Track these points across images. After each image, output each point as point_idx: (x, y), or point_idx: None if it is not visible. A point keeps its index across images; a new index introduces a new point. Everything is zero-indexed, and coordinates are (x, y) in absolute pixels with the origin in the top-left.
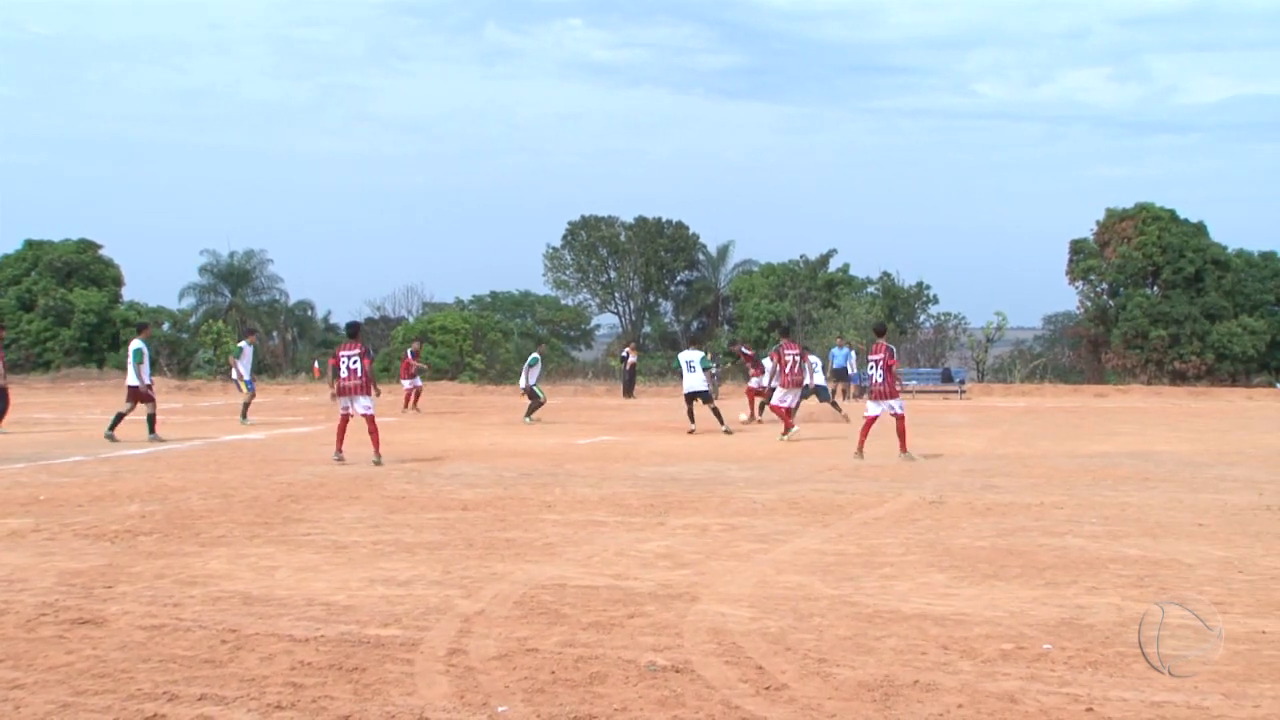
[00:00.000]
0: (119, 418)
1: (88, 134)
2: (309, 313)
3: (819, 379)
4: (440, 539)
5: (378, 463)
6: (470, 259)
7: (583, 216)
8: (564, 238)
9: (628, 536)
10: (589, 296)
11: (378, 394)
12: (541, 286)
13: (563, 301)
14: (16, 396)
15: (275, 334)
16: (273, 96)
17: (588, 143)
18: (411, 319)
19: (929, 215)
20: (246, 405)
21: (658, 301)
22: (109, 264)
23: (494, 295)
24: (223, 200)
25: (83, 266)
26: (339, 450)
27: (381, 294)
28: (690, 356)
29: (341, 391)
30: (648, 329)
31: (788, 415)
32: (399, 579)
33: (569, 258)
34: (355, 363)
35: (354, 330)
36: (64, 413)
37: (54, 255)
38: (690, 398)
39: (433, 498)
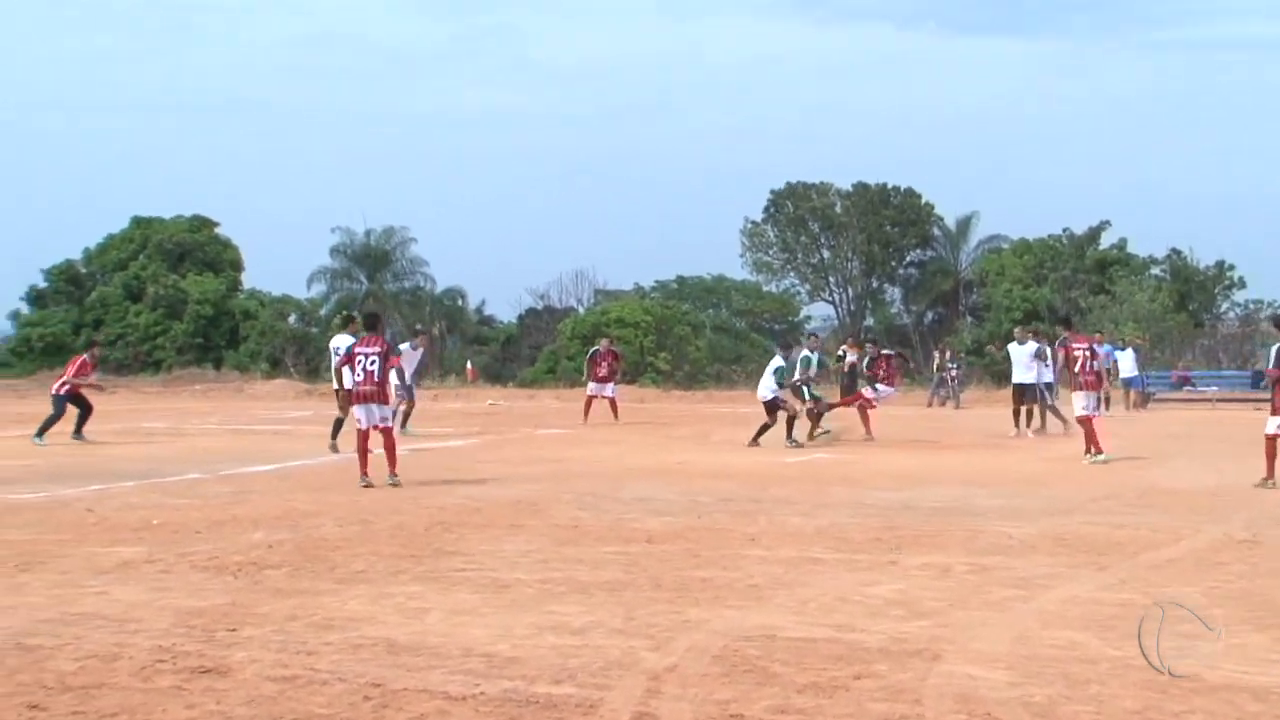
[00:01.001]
0: (338, 424)
1: (198, 92)
2: (459, 302)
3: (1047, 376)
4: (621, 578)
5: (394, 481)
6: (652, 237)
7: (789, 184)
8: (766, 210)
9: (851, 578)
10: (797, 282)
11: (403, 402)
12: (739, 270)
13: (765, 288)
14: (123, 401)
15: (419, 327)
16: (411, 42)
17: (794, 92)
18: (582, 310)
19: (1232, 178)
20: (407, 414)
21: (883, 287)
22: (226, 245)
23: (681, 281)
24: (357, 168)
25: (197, 248)
26: (364, 473)
27: (545, 280)
28: (777, 363)
29: (356, 399)
30: (870, 321)
31: (1093, 430)
32: (572, 626)
33: (772, 234)
34: (374, 363)
35: (372, 322)
36: (177, 421)
37: (164, 235)
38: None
39: (611, 527)
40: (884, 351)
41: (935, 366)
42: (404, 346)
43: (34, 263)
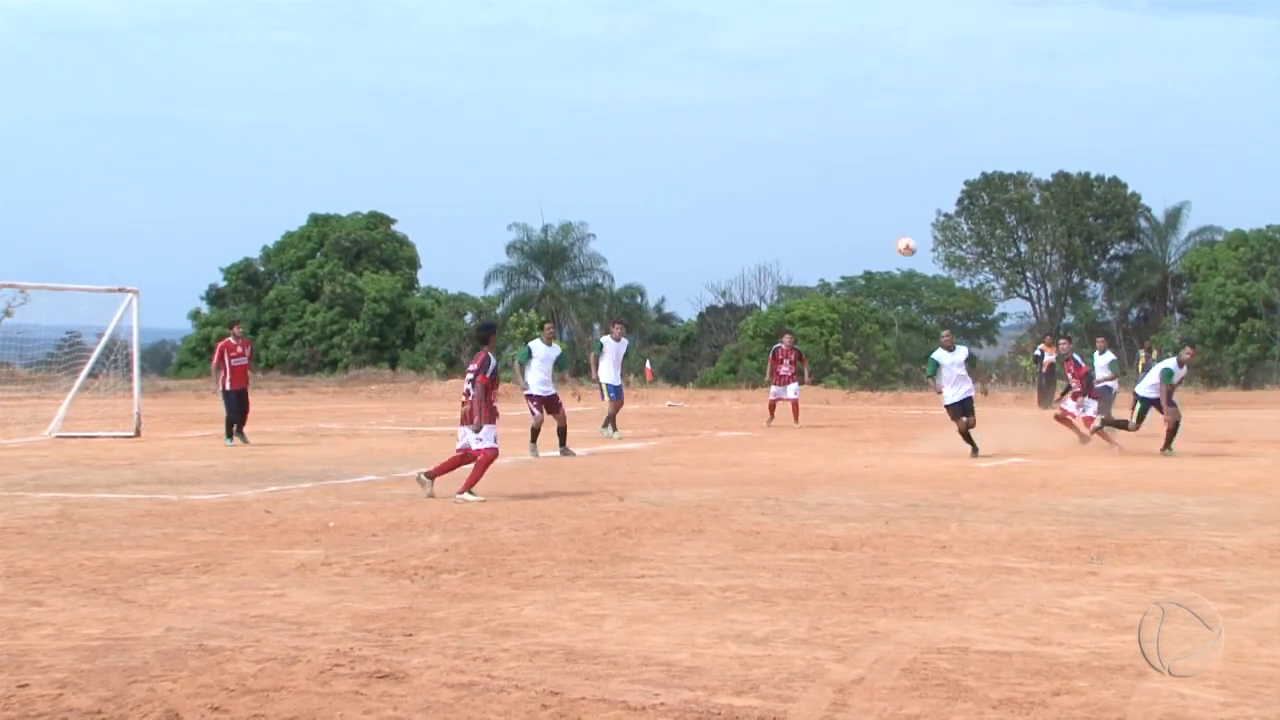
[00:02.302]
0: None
1: (376, 87)
2: (638, 299)
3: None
4: (805, 586)
5: (462, 499)
6: (838, 231)
7: (984, 174)
8: (959, 202)
9: (1048, 589)
10: (992, 277)
11: (491, 421)
12: (930, 265)
13: (958, 284)
14: (300, 401)
15: (597, 326)
16: (593, 31)
17: (990, 78)
18: (764, 307)
19: None
20: (612, 415)
21: (1084, 283)
22: (403, 242)
23: (868, 277)
24: (534, 163)
25: (373, 245)
26: (431, 473)
27: (727, 276)
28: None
29: (460, 419)
30: (1070, 319)
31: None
32: (755, 635)
33: (966, 227)
34: (470, 381)
35: (481, 335)
36: (352, 421)
37: (341, 232)
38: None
39: (794, 534)
40: (1075, 358)
41: (1140, 366)
42: (604, 340)
43: (214, 261)
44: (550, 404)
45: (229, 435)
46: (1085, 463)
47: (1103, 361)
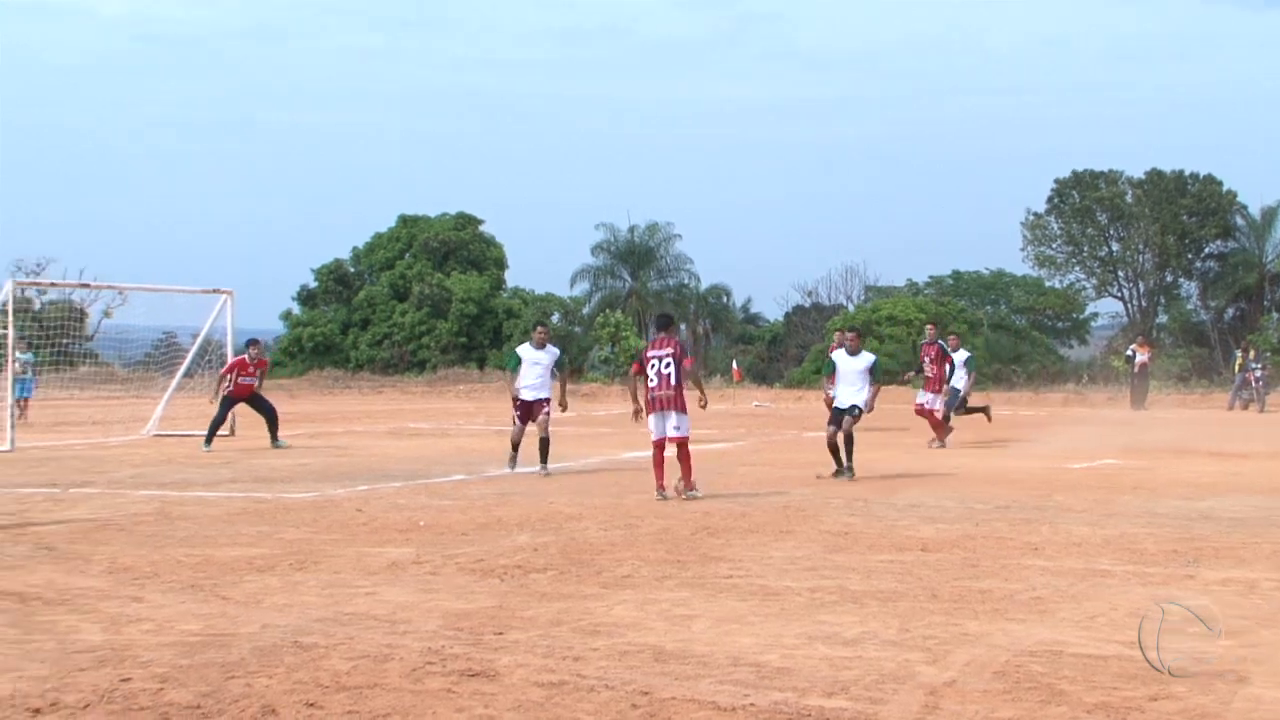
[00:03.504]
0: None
1: (462, 86)
2: (724, 300)
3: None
4: (895, 587)
5: (692, 495)
6: (925, 231)
7: (1075, 172)
8: (1050, 201)
9: (1144, 592)
10: (1083, 276)
11: (702, 404)
12: (1019, 264)
13: (1048, 283)
14: (389, 401)
15: (684, 326)
16: (678, 32)
17: (1082, 75)
18: (852, 307)
19: None
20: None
21: (1178, 282)
22: (490, 243)
23: (957, 276)
24: (621, 164)
25: (461, 246)
26: (661, 486)
27: (813, 276)
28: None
29: (652, 406)
30: (1163, 318)
31: None
32: (844, 636)
33: (1056, 226)
34: (669, 366)
35: (665, 322)
36: (441, 421)
37: (430, 233)
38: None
39: (884, 534)
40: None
41: (1236, 367)
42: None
43: (305, 262)
44: (533, 410)
45: (208, 441)
46: (1182, 464)
47: (958, 359)
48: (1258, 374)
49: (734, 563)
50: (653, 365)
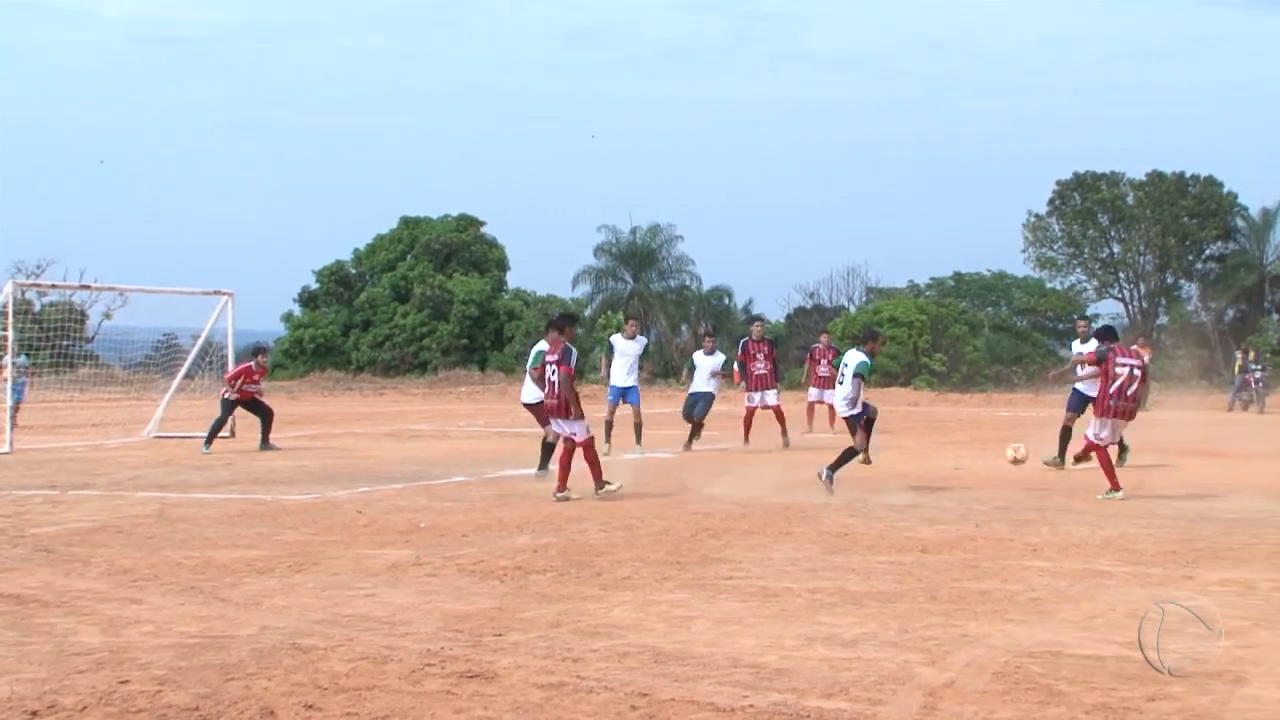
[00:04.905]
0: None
1: (465, 88)
2: (726, 301)
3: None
4: (895, 588)
5: (605, 492)
6: (926, 232)
7: (1076, 174)
8: (1051, 202)
9: (1142, 593)
10: (1084, 278)
11: (578, 416)
12: (1020, 266)
13: (1049, 285)
14: (390, 403)
15: (685, 327)
16: (681, 33)
17: (1082, 77)
18: (853, 308)
19: None
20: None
21: (1178, 284)
22: (492, 244)
23: (958, 277)
24: (622, 165)
25: (463, 248)
26: (598, 480)
27: (815, 277)
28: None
29: (545, 411)
30: (1164, 319)
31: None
32: (844, 638)
33: (1057, 228)
34: (553, 372)
35: (564, 322)
36: (442, 423)
37: (431, 235)
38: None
39: (883, 535)
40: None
41: (1236, 368)
42: (614, 339)
43: (306, 264)
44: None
45: (208, 442)
46: (1182, 465)
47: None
48: (1257, 375)
49: (734, 564)
50: (546, 371)
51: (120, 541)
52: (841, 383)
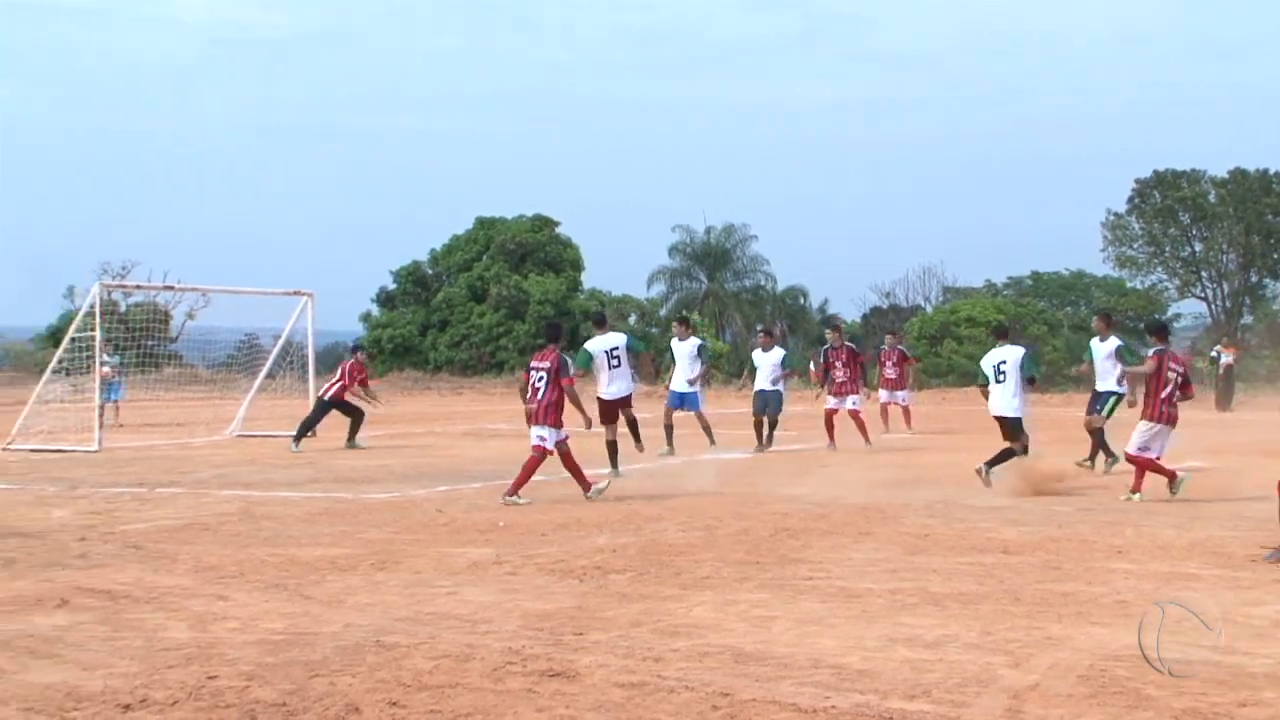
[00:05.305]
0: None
1: (538, 88)
2: (801, 301)
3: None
4: (976, 590)
5: (510, 503)
6: (1004, 231)
7: (1156, 172)
8: (1130, 201)
9: (1231, 596)
10: (1164, 277)
11: (586, 425)
12: (1099, 265)
13: (1129, 284)
14: (468, 402)
15: (759, 326)
16: (752, 33)
17: (1162, 74)
18: (929, 308)
19: None
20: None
21: (1262, 282)
22: (567, 244)
23: (1036, 277)
24: (697, 164)
25: (538, 248)
26: (514, 491)
27: (890, 277)
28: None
29: (527, 418)
30: (1248, 319)
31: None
32: (925, 639)
33: (1137, 227)
34: (541, 379)
35: (554, 333)
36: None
37: (507, 235)
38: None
39: (964, 536)
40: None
41: None
42: (672, 343)
43: (384, 265)
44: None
45: (297, 440)
46: (1269, 466)
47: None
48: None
49: (813, 564)
50: (531, 377)
51: (207, 539)
52: (1002, 381)
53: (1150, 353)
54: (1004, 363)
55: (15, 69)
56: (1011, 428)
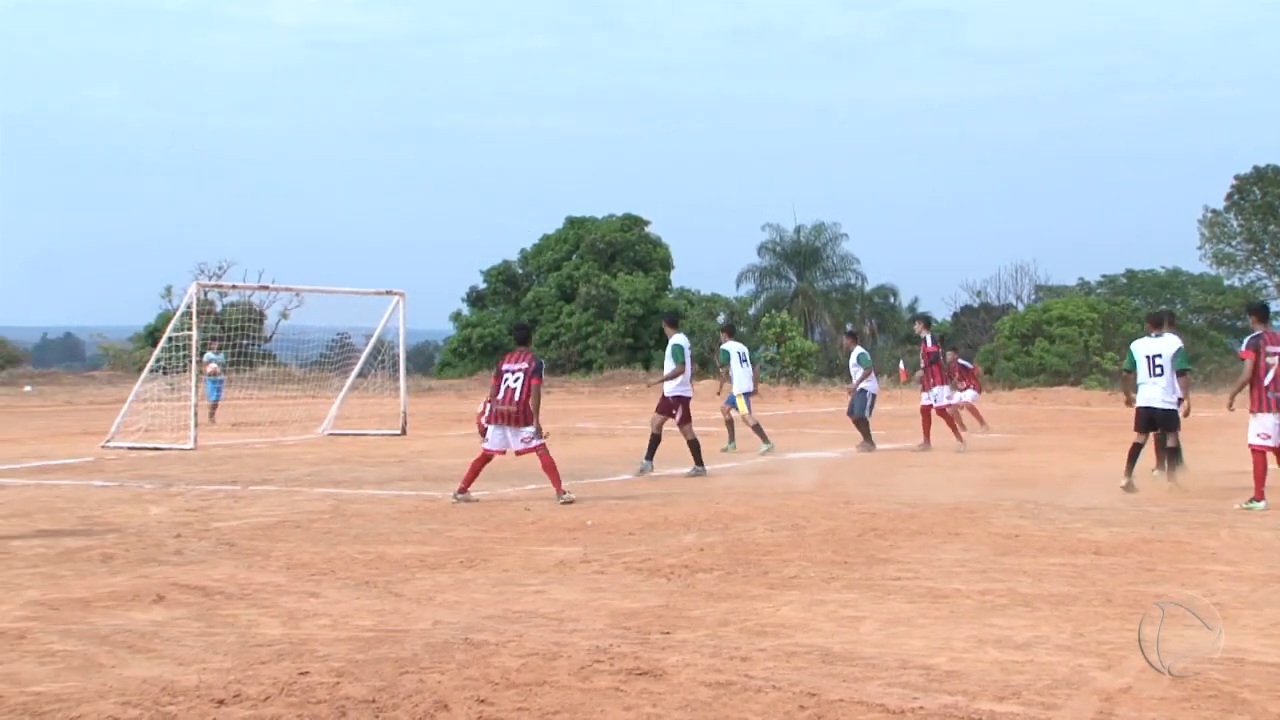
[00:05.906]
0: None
1: (629, 88)
2: (891, 300)
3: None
4: (1068, 591)
5: (566, 499)
6: (1097, 228)
7: (1256, 168)
8: (1229, 197)
9: None
10: (1264, 274)
11: (538, 429)
12: (1196, 263)
13: (1227, 282)
14: (557, 401)
15: (849, 326)
16: (843, 32)
17: (1261, 67)
18: (1021, 307)
19: None
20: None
21: None
22: (656, 243)
23: (1130, 275)
24: (786, 163)
25: (627, 247)
26: (463, 489)
27: (982, 276)
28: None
29: (494, 418)
30: None
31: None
32: (1016, 640)
33: (1235, 224)
34: (518, 380)
35: (524, 335)
36: (607, 421)
37: (596, 234)
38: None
39: (1055, 537)
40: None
41: None
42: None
43: (475, 264)
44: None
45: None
46: None
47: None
48: None
49: (902, 564)
50: (505, 378)
51: (298, 536)
52: (1159, 374)
53: (1243, 346)
54: (1160, 355)
55: (118, 73)
56: (1166, 421)
